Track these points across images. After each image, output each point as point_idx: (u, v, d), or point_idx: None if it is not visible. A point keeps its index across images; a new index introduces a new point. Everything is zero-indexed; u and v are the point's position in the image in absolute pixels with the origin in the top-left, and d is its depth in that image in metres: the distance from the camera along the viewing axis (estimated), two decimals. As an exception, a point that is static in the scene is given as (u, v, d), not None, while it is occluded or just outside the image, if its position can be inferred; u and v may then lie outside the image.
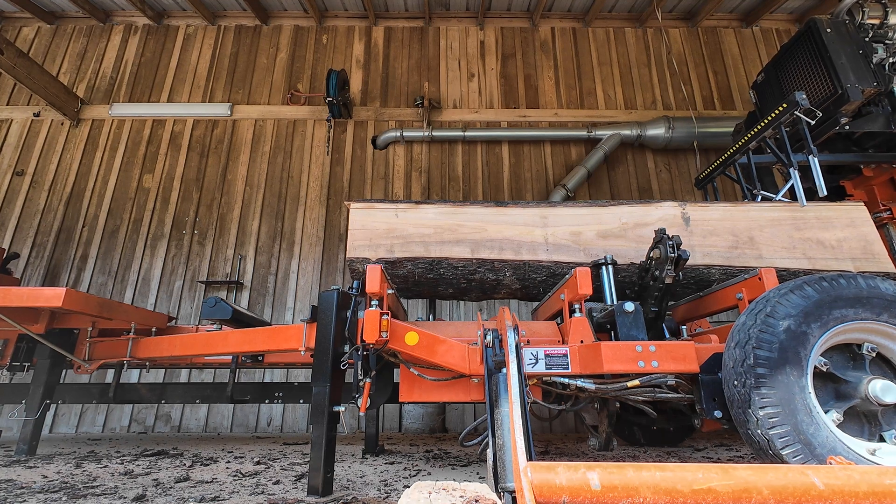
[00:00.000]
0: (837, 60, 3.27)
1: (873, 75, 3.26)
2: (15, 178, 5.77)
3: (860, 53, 3.32)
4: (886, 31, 3.44)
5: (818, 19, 3.47)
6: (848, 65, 3.25)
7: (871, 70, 3.28)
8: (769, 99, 3.92)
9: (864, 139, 3.62)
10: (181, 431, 4.81)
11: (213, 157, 5.90)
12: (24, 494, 1.97)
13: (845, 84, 3.18)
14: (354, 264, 2.59)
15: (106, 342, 3.25)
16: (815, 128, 3.46)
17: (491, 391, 1.83)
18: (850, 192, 3.76)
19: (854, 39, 3.38)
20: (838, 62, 3.26)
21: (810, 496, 0.99)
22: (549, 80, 6.36)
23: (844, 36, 3.38)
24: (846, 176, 3.76)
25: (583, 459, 2.92)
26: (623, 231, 2.70)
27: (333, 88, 5.57)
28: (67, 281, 5.31)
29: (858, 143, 3.67)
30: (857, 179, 3.70)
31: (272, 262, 5.43)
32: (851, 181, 3.74)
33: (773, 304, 1.79)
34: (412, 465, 2.74)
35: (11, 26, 6.60)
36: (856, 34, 3.41)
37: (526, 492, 1.01)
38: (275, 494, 1.99)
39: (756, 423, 1.65)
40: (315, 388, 2.12)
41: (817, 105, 3.38)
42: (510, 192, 5.75)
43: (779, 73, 3.84)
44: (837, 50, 3.31)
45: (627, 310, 2.12)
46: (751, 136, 3.52)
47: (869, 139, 3.58)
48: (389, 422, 4.86)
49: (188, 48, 6.50)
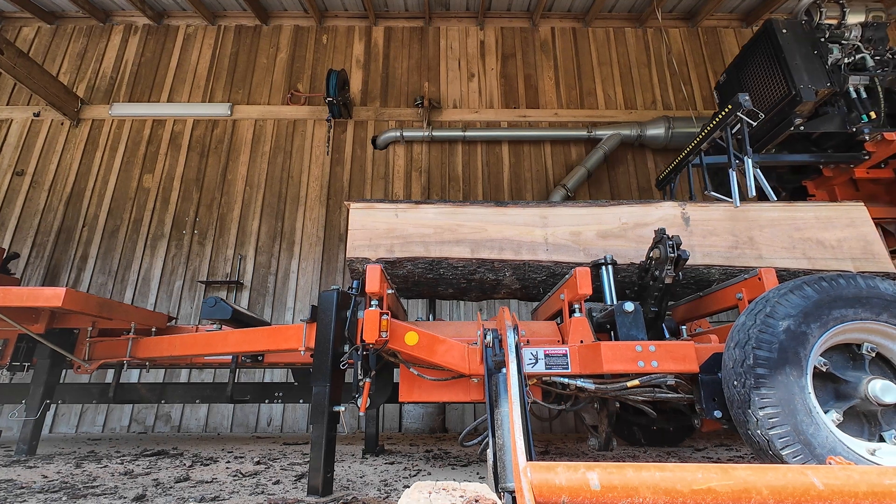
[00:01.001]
0: (792, 61, 3.26)
1: (827, 76, 3.26)
2: (15, 178, 5.77)
3: (815, 54, 3.31)
4: (843, 32, 3.42)
5: (774, 20, 3.47)
6: (802, 65, 3.25)
7: (825, 71, 3.28)
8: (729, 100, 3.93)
9: (822, 139, 3.61)
10: (181, 431, 4.81)
11: (213, 157, 5.90)
12: (24, 494, 1.97)
13: (798, 85, 3.18)
14: (354, 264, 2.59)
15: (106, 342, 3.25)
16: (772, 128, 3.47)
17: (491, 391, 1.83)
18: (811, 192, 3.77)
19: (809, 40, 3.38)
20: (792, 63, 3.26)
21: (810, 496, 0.99)
22: (549, 80, 6.36)
23: (800, 37, 3.38)
24: (809, 176, 3.76)
25: (583, 459, 2.92)
26: (623, 231, 2.70)
27: (333, 88, 5.57)
28: (67, 281, 5.31)
29: (817, 143, 3.66)
30: (818, 180, 3.70)
31: (272, 262, 5.43)
32: (813, 181, 3.74)
33: (772, 305, 1.79)
34: (412, 465, 2.74)
35: (11, 26, 6.60)
36: (811, 35, 3.41)
37: (526, 492, 1.01)
38: (275, 494, 1.99)
39: (756, 424, 1.65)
40: (315, 388, 2.12)
41: (773, 106, 3.38)
42: (510, 192, 5.75)
43: (739, 74, 3.84)
44: (792, 51, 3.30)
45: (627, 310, 2.12)
46: (700, 137, 3.55)
47: (827, 139, 3.57)
48: (389, 422, 4.86)
49: (188, 48, 6.50)
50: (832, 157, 3.48)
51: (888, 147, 3.13)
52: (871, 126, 3.20)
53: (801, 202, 2.81)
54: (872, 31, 3.44)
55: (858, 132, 3.22)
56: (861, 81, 3.32)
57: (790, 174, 3.94)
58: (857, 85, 3.32)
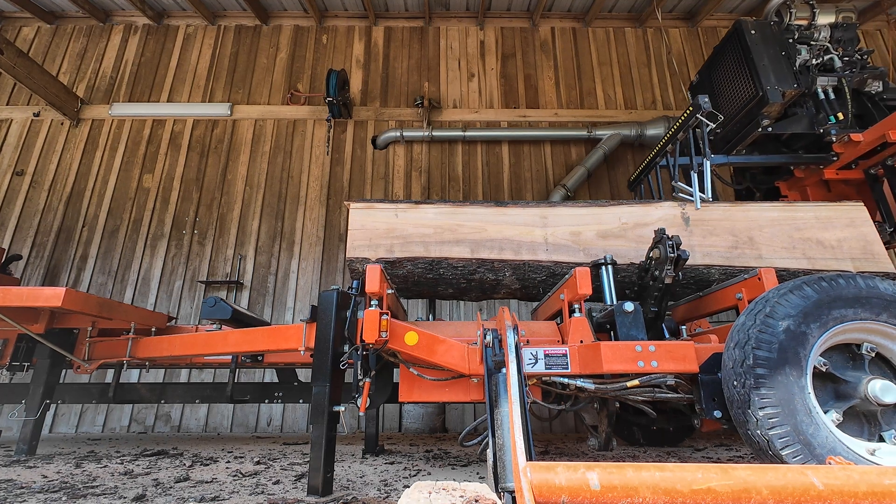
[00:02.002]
0: (759, 62, 3.25)
1: (795, 77, 3.24)
2: (15, 178, 5.77)
3: (783, 55, 3.30)
4: (812, 33, 3.41)
5: (744, 21, 3.45)
6: (769, 66, 3.23)
7: (793, 72, 3.26)
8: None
9: (792, 140, 3.60)
10: (181, 431, 4.81)
11: (212, 157, 5.90)
12: (24, 494, 1.97)
13: (765, 86, 3.17)
14: (354, 264, 2.59)
15: (106, 342, 3.25)
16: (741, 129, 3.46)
17: (491, 391, 1.83)
18: (784, 192, 3.77)
19: (778, 41, 3.36)
20: (760, 64, 3.24)
21: (810, 496, 0.99)
22: (549, 80, 6.36)
23: (768, 37, 3.36)
24: (781, 177, 3.76)
25: (582, 459, 2.92)
26: (623, 231, 2.70)
27: (333, 88, 5.57)
28: (67, 281, 5.31)
29: (788, 144, 3.65)
30: (791, 180, 3.69)
31: (272, 262, 5.43)
32: (786, 182, 3.74)
33: (772, 305, 1.79)
34: (412, 464, 2.74)
35: (11, 26, 6.60)
36: (780, 36, 3.39)
37: (525, 492, 1.01)
38: (275, 494, 1.99)
39: (756, 424, 1.65)
40: (315, 388, 2.12)
41: (742, 107, 3.37)
42: (510, 192, 5.75)
43: (711, 75, 3.83)
44: (760, 52, 3.29)
45: (627, 310, 2.12)
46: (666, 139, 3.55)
47: (797, 140, 3.56)
48: (389, 422, 4.86)
49: (188, 48, 6.50)
50: (801, 158, 3.47)
51: (855, 148, 3.12)
52: (839, 127, 3.19)
53: (802, 202, 2.81)
54: (842, 32, 3.42)
55: (826, 133, 3.21)
56: (829, 82, 3.31)
57: (763, 175, 3.94)
58: (826, 86, 3.32)
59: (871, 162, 3.22)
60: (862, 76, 3.30)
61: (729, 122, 3.52)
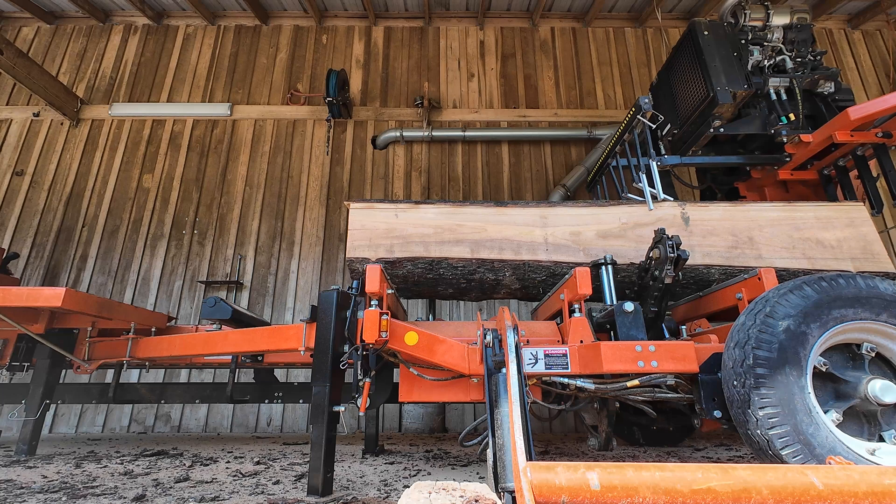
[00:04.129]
0: (711, 63, 3.24)
1: (746, 78, 3.23)
2: (15, 178, 5.77)
3: (734, 56, 3.29)
4: (766, 34, 3.40)
5: (697, 22, 3.44)
6: (720, 67, 3.22)
7: (744, 73, 3.25)
8: (661, 101, 3.92)
9: (748, 141, 3.60)
10: (181, 431, 4.81)
11: (212, 157, 5.90)
12: (24, 494, 1.97)
13: (716, 87, 3.16)
14: (354, 264, 2.59)
15: (105, 342, 3.25)
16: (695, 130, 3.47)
17: (491, 391, 1.83)
18: (742, 193, 3.76)
19: (730, 42, 3.35)
20: (711, 65, 3.23)
21: (809, 496, 0.99)
22: (548, 80, 6.36)
23: (721, 38, 3.35)
24: (740, 178, 3.77)
25: (582, 459, 2.92)
26: (623, 231, 2.70)
27: (333, 88, 5.57)
28: (67, 281, 5.31)
29: (743, 145, 3.65)
30: (749, 181, 3.70)
31: (272, 262, 5.43)
32: (745, 183, 3.74)
33: (772, 305, 1.79)
34: (412, 465, 2.74)
35: (11, 26, 6.60)
36: (733, 36, 3.38)
37: (525, 492, 1.01)
38: (275, 494, 1.99)
39: (756, 424, 1.65)
40: (315, 388, 2.12)
41: (695, 108, 3.37)
42: (510, 192, 5.75)
43: (669, 76, 3.83)
44: (712, 52, 3.28)
45: (627, 310, 2.12)
46: (614, 140, 3.54)
47: (752, 141, 3.56)
48: (389, 422, 4.86)
49: (188, 48, 6.50)
50: (755, 158, 3.47)
51: (806, 149, 3.12)
52: (790, 128, 3.19)
53: (802, 202, 2.81)
54: (796, 33, 3.42)
55: (777, 134, 3.21)
56: (781, 83, 3.31)
57: (724, 175, 3.94)
58: (778, 87, 3.32)
59: (825, 163, 3.24)
60: (813, 77, 3.30)
61: (685, 122, 3.52)
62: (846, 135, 2.89)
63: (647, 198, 2.82)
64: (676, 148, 3.69)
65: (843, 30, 6.53)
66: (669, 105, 3.75)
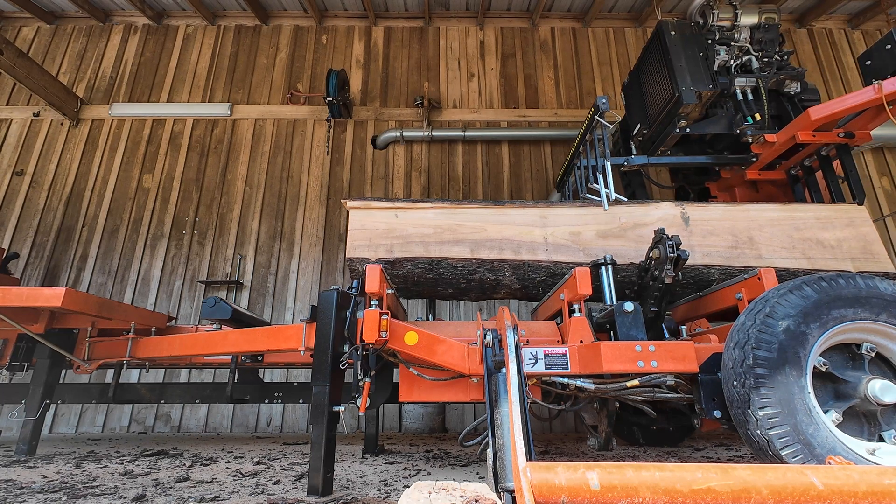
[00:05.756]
0: (677, 63, 3.23)
1: (712, 78, 3.23)
2: (15, 178, 5.76)
3: (700, 56, 3.28)
4: (734, 33, 3.40)
5: (665, 22, 3.44)
6: (686, 67, 3.21)
7: (710, 73, 3.25)
8: (632, 102, 3.92)
9: (716, 141, 3.60)
10: (181, 431, 4.81)
11: (212, 157, 5.90)
12: (24, 494, 1.97)
13: (681, 87, 3.16)
14: (354, 264, 2.59)
15: (105, 342, 3.25)
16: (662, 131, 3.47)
17: (490, 391, 1.83)
18: (713, 193, 3.77)
19: (697, 42, 3.34)
20: (677, 65, 3.23)
21: (809, 496, 0.99)
22: (548, 80, 6.36)
23: (688, 38, 3.35)
24: (711, 178, 3.77)
25: (582, 459, 2.92)
26: (622, 231, 2.70)
27: (333, 88, 5.57)
28: (67, 281, 5.31)
29: (712, 144, 3.65)
30: (719, 181, 3.69)
31: (272, 262, 5.43)
32: (715, 183, 3.74)
33: (772, 305, 1.80)
34: (412, 464, 2.74)
35: (11, 26, 6.60)
36: (699, 37, 3.38)
37: (525, 492, 1.01)
38: (275, 494, 1.99)
39: (755, 424, 1.65)
40: (315, 388, 2.12)
41: (662, 108, 3.37)
42: (510, 191, 5.75)
43: (639, 76, 3.83)
44: (678, 52, 3.27)
45: (627, 310, 2.12)
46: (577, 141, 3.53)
47: (720, 141, 3.55)
48: (389, 422, 4.86)
49: (188, 48, 6.50)
50: (722, 158, 3.47)
51: (771, 149, 3.12)
52: (755, 128, 3.19)
53: (802, 203, 2.81)
54: (763, 33, 3.41)
55: (742, 134, 3.21)
56: (748, 83, 3.31)
57: (696, 175, 3.95)
58: (744, 87, 3.32)
59: (791, 163, 3.24)
60: (779, 77, 3.30)
61: (654, 122, 3.53)
62: (808, 135, 2.89)
63: (602, 198, 2.82)
64: (646, 148, 3.70)
65: (844, 30, 6.52)
66: (640, 105, 3.75)
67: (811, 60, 6.35)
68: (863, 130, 2.92)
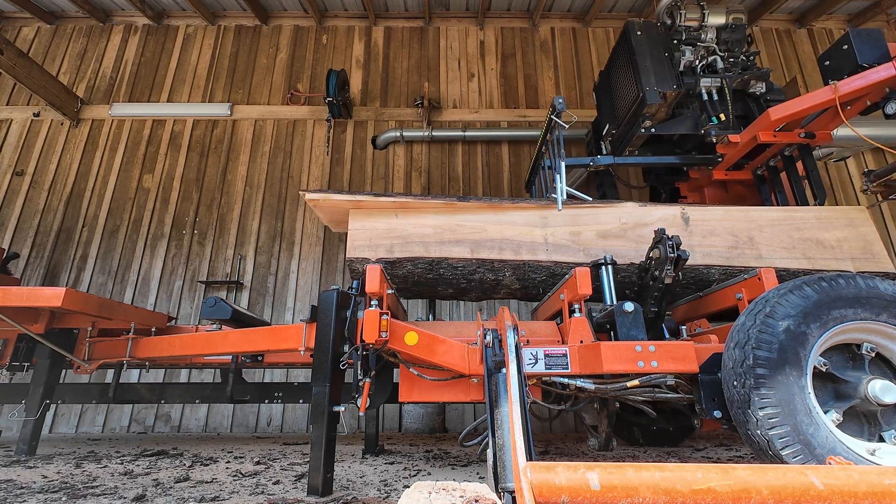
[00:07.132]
0: (642, 63, 3.23)
1: (676, 78, 3.23)
2: (15, 178, 5.76)
3: (665, 56, 3.28)
4: (701, 34, 3.39)
5: (632, 22, 3.43)
6: (651, 67, 3.21)
7: (674, 73, 3.25)
8: (602, 102, 3.90)
9: (683, 141, 3.59)
10: (181, 431, 4.80)
11: (212, 157, 5.90)
12: (24, 494, 1.97)
13: (646, 87, 3.15)
14: (354, 264, 2.59)
15: (106, 342, 3.25)
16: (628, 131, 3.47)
17: (491, 391, 1.83)
18: (683, 193, 3.76)
19: (662, 42, 3.34)
20: (642, 65, 3.23)
21: (810, 496, 0.99)
22: (548, 80, 6.36)
23: (654, 38, 3.34)
24: (681, 178, 3.76)
25: (583, 459, 2.92)
26: (623, 231, 2.70)
27: (333, 88, 5.57)
28: (67, 281, 5.31)
29: (679, 145, 3.64)
30: (689, 182, 3.69)
31: (272, 262, 5.43)
32: (685, 183, 3.74)
33: (772, 305, 1.79)
34: (412, 465, 2.74)
35: (11, 26, 6.60)
36: (665, 37, 3.37)
37: (525, 492, 1.01)
38: (275, 494, 1.99)
39: (756, 424, 1.65)
40: (315, 388, 2.12)
41: (628, 108, 3.37)
42: (510, 192, 5.75)
43: (609, 77, 3.82)
44: (644, 52, 3.27)
45: (627, 310, 2.12)
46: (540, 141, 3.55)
47: (687, 141, 3.55)
48: (389, 422, 4.86)
49: (188, 48, 6.50)
50: (688, 158, 3.46)
51: (735, 149, 3.11)
52: (719, 128, 3.19)
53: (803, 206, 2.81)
54: (729, 34, 3.41)
55: (707, 134, 3.21)
56: (713, 83, 3.31)
57: (666, 175, 3.94)
58: (710, 87, 3.31)
59: (756, 163, 3.24)
60: (744, 77, 3.29)
61: (622, 122, 3.52)
62: (769, 135, 2.90)
63: (558, 198, 2.82)
64: (616, 148, 3.69)
65: (844, 30, 6.52)
66: (609, 105, 3.74)
67: (811, 61, 6.34)
68: (823, 131, 2.92)
